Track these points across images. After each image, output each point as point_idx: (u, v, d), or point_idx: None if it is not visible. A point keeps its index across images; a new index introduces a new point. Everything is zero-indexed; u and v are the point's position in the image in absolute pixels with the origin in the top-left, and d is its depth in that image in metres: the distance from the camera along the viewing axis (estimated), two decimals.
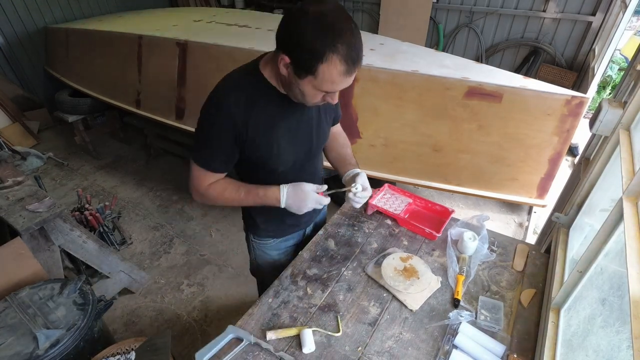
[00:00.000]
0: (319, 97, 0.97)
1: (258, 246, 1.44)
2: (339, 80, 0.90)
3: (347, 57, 0.85)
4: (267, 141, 1.07)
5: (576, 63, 4.13)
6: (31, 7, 4.29)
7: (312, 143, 1.19)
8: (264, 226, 1.36)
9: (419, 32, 4.66)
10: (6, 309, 1.45)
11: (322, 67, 0.86)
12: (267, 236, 1.40)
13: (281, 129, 1.08)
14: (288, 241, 1.46)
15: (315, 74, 0.88)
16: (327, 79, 0.88)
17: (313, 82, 0.91)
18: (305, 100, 0.98)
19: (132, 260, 2.65)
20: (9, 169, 2.11)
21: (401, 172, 2.38)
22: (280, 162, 1.13)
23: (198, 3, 5.78)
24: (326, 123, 1.23)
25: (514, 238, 1.47)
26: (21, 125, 4.09)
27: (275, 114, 1.06)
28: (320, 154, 1.33)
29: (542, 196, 2.26)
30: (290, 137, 1.11)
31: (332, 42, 0.83)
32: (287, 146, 1.11)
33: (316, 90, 0.93)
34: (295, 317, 1.13)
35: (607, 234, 0.90)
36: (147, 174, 3.68)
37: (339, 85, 0.92)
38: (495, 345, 1.04)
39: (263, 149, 1.08)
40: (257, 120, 1.03)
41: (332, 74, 0.87)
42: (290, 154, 1.13)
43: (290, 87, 0.98)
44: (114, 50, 3.33)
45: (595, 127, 1.29)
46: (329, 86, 0.91)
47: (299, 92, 0.96)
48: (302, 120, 1.13)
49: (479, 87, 2.03)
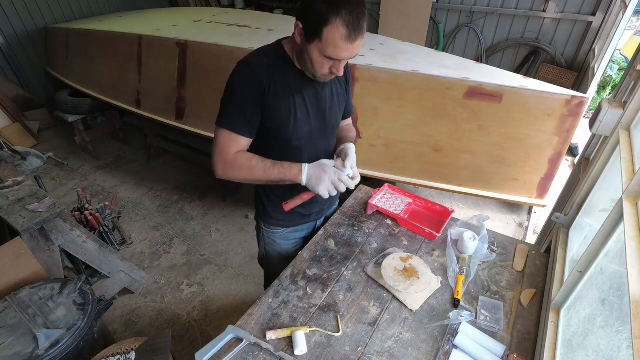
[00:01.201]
0: (326, 67, 1.05)
1: (268, 235, 1.47)
2: (342, 45, 0.97)
3: (348, 23, 0.94)
4: (285, 109, 1.14)
5: (576, 63, 4.13)
6: (31, 7, 4.29)
7: (325, 120, 1.25)
8: (275, 215, 1.40)
9: (419, 32, 4.66)
10: (6, 309, 1.45)
11: (326, 30, 0.95)
12: (277, 225, 1.44)
13: (298, 100, 1.16)
14: (298, 232, 1.49)
15: (321, 36, 0.97)
16: (330, 42, 0.97)
17: (319, 47, 0.99)
18: (314, 69, 1.06)
19: (132, 260, 2.65)
20: (9, 169, 2.11)
21: (401, 172, 2.38)
22: (295, 133, 1.19)
23: (198, 3, 5.78)
24: (339, 108, 1.30)
25: (514, 238, 1.47)
26: (21, 125, 4.09)
27: (292, 85, 1.14)
28: (333, 139, 1.36)
29: (542, 196, 2.26)
30: (305, 109, 1.18)
31: (337, 8, 0.93)
32: (303, 118, 1.18)
33: (322, 57, 1.02)
34: (295, 317, 1.13)
35: (607, 234, 0.90)
36: (147, 174, 3.68)
37: (342, 51, 0.99)
38: (495, 345, 1.04)
39: (280, 117, 1.15)
40: (277, 87, 1.11)
41: (335, 37, 0.96)
42: (305, 126, 1.19)
43: (302, 55, 1.07)
44: (114, 50, 3.33)
45: (595, 127, 1.29)
46: (333, 50, 0.99)
47: (308, 59, 1.05)
48: (317, 97, 1.20)
49: (479, 87, 2.03)
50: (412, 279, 1.21)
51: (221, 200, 3.24)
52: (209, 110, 2.67)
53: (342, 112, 1.34)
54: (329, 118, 1.26)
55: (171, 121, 2.96)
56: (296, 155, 1.23)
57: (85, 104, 3.68)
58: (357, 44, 0.99)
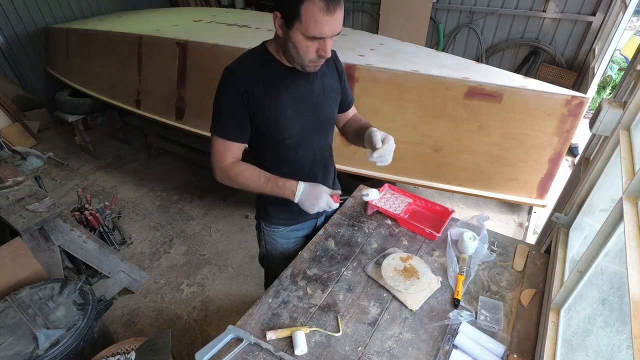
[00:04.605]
0: (312, 51, 1.02)
1: (268, 234, 1.46)
2: (322, 20, 0.95)
3: None
4: (274, 109, 1.14)
5: (576, 63, 4.13)
6: (31, 7, 4.29)
7: (318, 116, 1.23)
8: (275, 214, 1.40)
9: (419, 32, 4.66)
10: (6, 309, 1.46)
11: (304, 8, 0.94)
12: (278, 224, 1.43)
13: (286, 98, 1.15)
14: (298, 231, 1.49)
15: (300, 16, 0.95)
16: (310, 19, 0.95)
17: (300, 28, 0.97)
18: (301, 56, 1.04)
19: (132, 260, 2.65)
20: (9, 169, 2.11)
21: (401, 172, 2.38)
22: (288, 132, 1.19)
23: (198, 3, 5.78)
24: (333, 102, 1.28)
25: (514, 238, 1.47)
26: (21, 125, 4.09)
27: (280, 84, 1.13)
28: (330, 134, 1.35)
29: (542, 196, 2.26)
30: (295, 106, 1.17)
31: None
32: (294, 115, 1.17)
33: (306, 40, 0.99)
34: (295, 317, 1.13)
35: (607, 234, 0.90)
36: (147, 174, 3.68)
37: (323, 26, 0.96)
38: (495, 345, 1.04)
39: (270, 118, 1.15)
40: (264, 88, 1.11)
41: (313, 11, 0.94)
42: (297, 123, 1.19)
43: (286, 47, 1.05)
44: (114, 50, 3.33)
45: (595, 127, 1.29)
46: (314, 27, 0.96)
47: (292, 48, 1.03)
48: (306, 93, 1.18)
49: (479, 87, 2.03)
50: (412, 279, 1.21)
51: (221, 200, 3.24)
52: (208, 110, 2.66)
53: (338, 105, 1.32)
54: (322, 113, 1.24)
55: (171, 121, 2.96)
56: (292, 153, 1.24)
57: (85, 104, 3.68)
58: (337, 16, 0.97)
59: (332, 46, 1.06)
